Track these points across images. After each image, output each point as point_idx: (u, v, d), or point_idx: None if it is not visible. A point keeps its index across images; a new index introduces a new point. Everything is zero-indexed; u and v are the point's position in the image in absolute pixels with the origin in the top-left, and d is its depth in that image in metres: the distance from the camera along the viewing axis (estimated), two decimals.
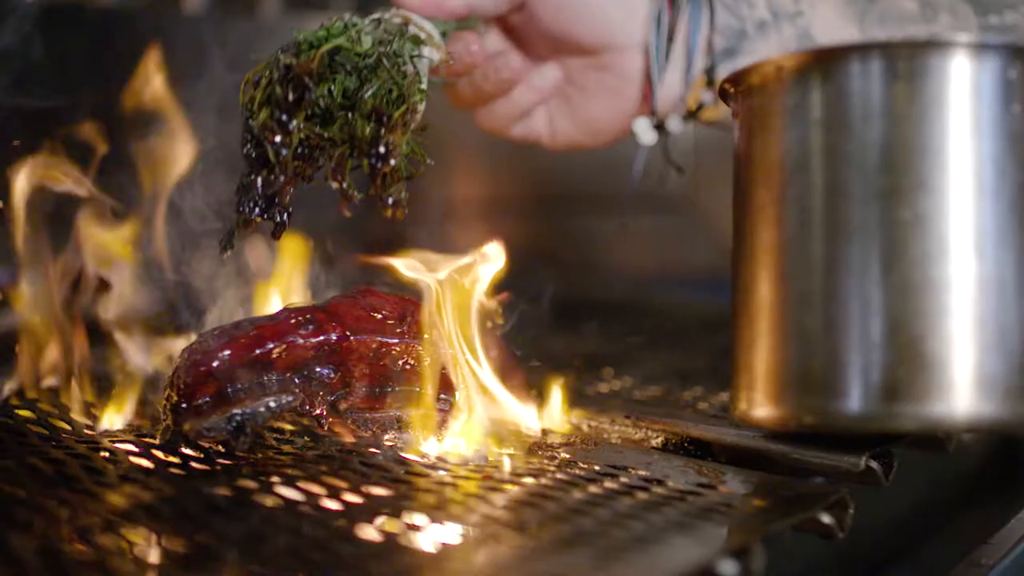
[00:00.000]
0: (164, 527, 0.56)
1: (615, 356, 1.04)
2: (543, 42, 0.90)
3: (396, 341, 0.72)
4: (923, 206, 0.61)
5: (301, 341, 0.69)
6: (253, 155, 0.71)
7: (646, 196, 1.02)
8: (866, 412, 0.62)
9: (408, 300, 0.74)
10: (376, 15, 0.79)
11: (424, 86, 0.75)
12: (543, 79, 0.91)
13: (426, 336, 0.72)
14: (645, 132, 0.90)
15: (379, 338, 0.71)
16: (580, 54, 0.89)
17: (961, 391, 0.60)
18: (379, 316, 0.72)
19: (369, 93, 0.70)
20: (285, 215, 0.71)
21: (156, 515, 0.58)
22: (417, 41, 0.77)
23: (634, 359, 1.04)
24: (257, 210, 0.71)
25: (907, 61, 0.62)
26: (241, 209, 0.71)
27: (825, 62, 0.64)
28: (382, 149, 0.70)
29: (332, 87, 0.70)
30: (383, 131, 0.70)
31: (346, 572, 0.53)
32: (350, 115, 0.70)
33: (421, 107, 0.74)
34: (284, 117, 0.69)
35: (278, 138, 0.69)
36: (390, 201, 0.71)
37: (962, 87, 0.61)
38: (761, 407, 0.66)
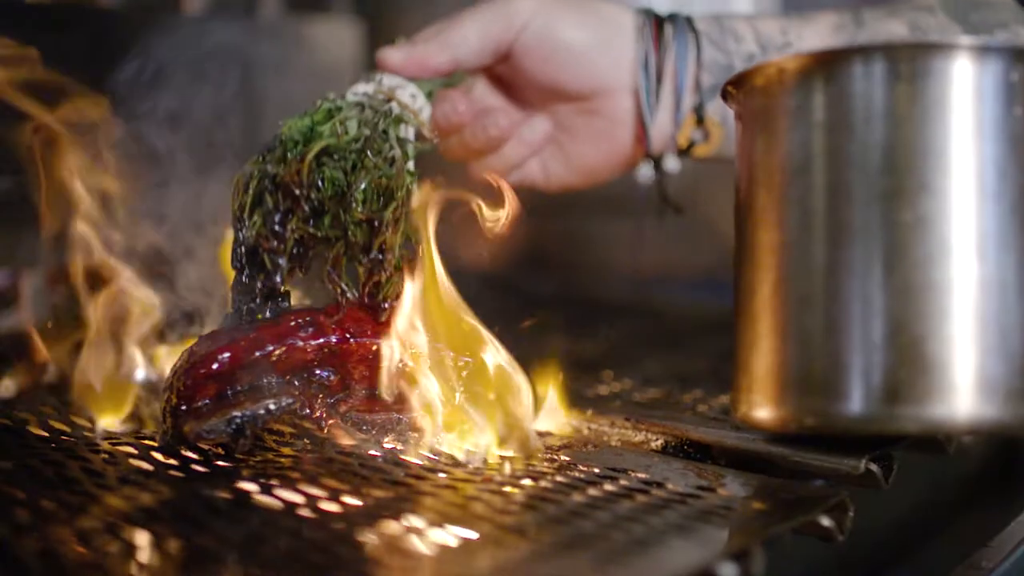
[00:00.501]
0: (163, 529, 0.56)
1: (615, 358, 1.04)
2: (531, 90, 0.90)
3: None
4: (925, 208, 0.61)
5: (301, 343, 0.68)
6: (244, 260, 0.72)
7: (646, 198, 1.02)
8: (867, 414, 0.62)
9: None
10: (360, 91, 0.80)
11: (412, 166, 0.76)
12: (533, 133, 0.92)
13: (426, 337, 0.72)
14: (643, 173, 0.92)
15: (379, 340, 0.71)
16: (569, 101, 0.90)
17: (962, 393, 0.60)
18: (380, 318, 0.72)
19: (360, 189, 0.71)
20: (286, 303, 0.72)
21: (155, 517, 0.58)
22: (401, 120, 0.78)
23: (634, 361, 1.03)
24: (256, 306, 0.72)
25: (909, 63, 0.62)
26: (239, 308, 0.72)
27: (827, 64, 0.64)
28: (377, 255, 0.70)
29: (321, 182, 0.71)
30: (376, 235, 0.70)
31: (346, 575, 0.53)
32: (342, 213, 0.71)
33: (413, 188, 0.74)
34: (277, 227, 0.70)
35: (274, 243, 0.70)
36: (384, 306, 0.72)
37: (964, 89, 0.61)
38: (762, 408, 0.66)
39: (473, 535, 0.57)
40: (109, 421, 0.75)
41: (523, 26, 0.86)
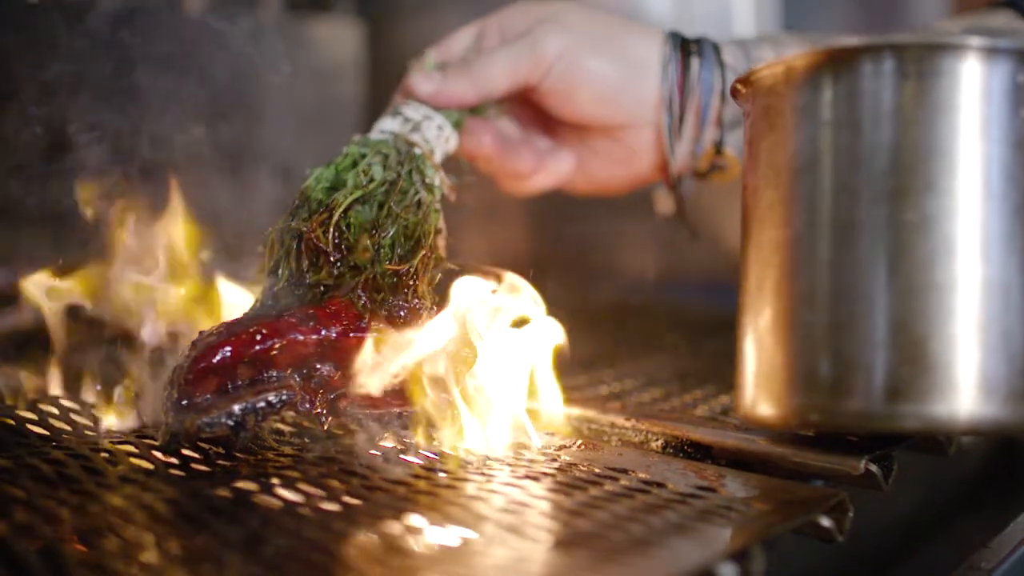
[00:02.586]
0: (164, 528, 0.56)
1: (616, 358, 1.04)
2: (556, 119, 0.93)
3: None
4: (930, 208, 0.61)
5: (302, 338, 0.69)
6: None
7: (648, 200, 1.03)
8: (869, 411, 0.62)
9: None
10: (387, 128, 0.82)
11: (439, 205, 0.77)
12: (559, 166, 0.95)
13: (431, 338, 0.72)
14: (663, 203, 0.94)
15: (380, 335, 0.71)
16: (592, 131, 0.92)
17: (964, 393, 0.60)
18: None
19: (388, 237, 0.71)
20: None
21: (156, 516, 0.58)
22: (426, 163, 0.79)
23: (635, 361, 1.03)
24: None
25: (918, 63, 0.62)
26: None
27: (836, 62, 0.64)
28: (411, 301, 0.71)
29: (348, 228, 0.72)
30: (405, 283, 0.71)
31: (345, 574, 0.53)
32: (370, 266, 0.71)
33: (440, 227, 0.75)
34: (305, 279, 0.71)
35: (300, 292, 0.72)
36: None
37: (972, 90, 0.61)
38: (765, 405, 0.66)
39: (473, 534, 0.57)
40: (110, 419, 0.76)
41: (550, 67, 0.87)
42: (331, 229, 0.71)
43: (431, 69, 0.90)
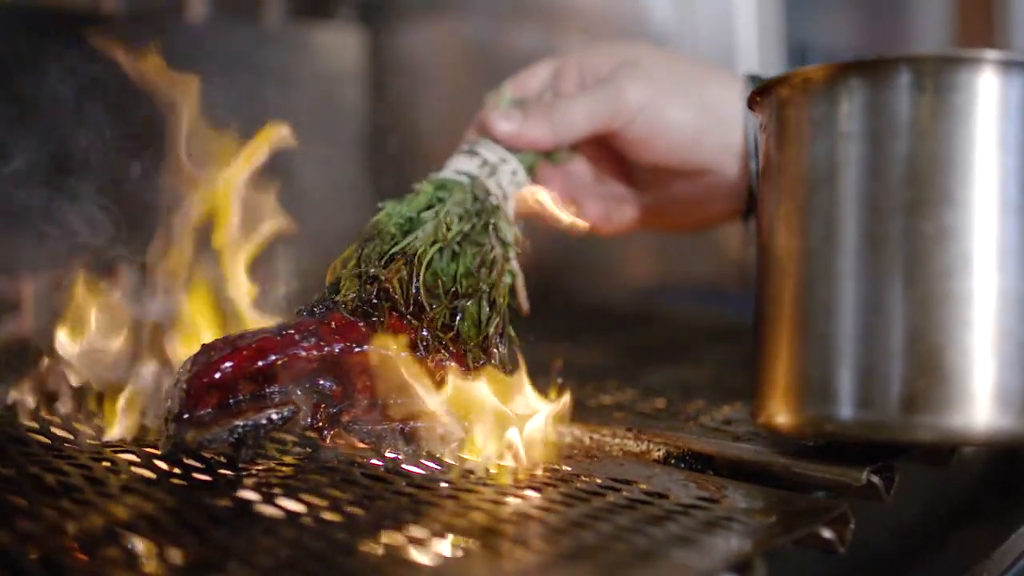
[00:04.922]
0: (166, 538, 0.56)
1: (618, 368, 1.04)
2: (633, 164, 0.92)
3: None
4: (947, 220, 0.61)
5: (304, 353, 0.68)
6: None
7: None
8: (885, 422, 0.62)
9: None
10: (464, 169, 0.82)
11: (513, 264, 0.78)
12: (622, 217, 0.95)
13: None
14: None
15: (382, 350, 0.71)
16: (670, 175, 0.91)
17: (980, 404, 0.61)
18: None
19: (468, 304, 0.72)
20: None
21: (158, 526, 0.58)
22: (500, 215, 0.79)
23: (636, 371, 1.03)
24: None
25: (934, 75, 0.62)
26: None
27: (853, 75, 0.64)
28: (485, 348, 0.73)
29: (425, 280, 0.72)
30: (483, 336, 0.73)
31: None
32: (448, 318, 0.72)
33: (514, 272, 0.77)
34: (370, 305, 0.71)
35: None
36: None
37: (989, 102, 0.62)
38: (782, 415, 0.66)
39: (475, 546, 0.57)
40: (112, 429, 0.75)
41: (632, 118, 0.86)
42: (411, 284, 0.71)
43: (507, 105, 0.90)
